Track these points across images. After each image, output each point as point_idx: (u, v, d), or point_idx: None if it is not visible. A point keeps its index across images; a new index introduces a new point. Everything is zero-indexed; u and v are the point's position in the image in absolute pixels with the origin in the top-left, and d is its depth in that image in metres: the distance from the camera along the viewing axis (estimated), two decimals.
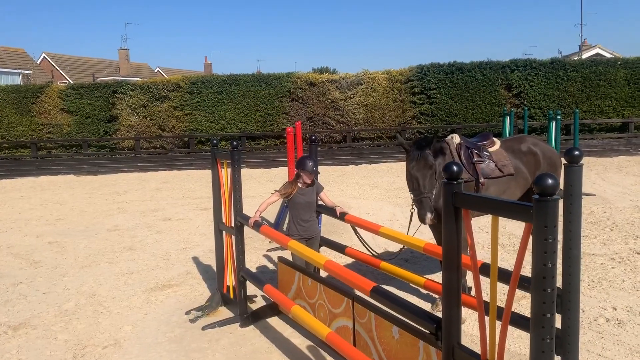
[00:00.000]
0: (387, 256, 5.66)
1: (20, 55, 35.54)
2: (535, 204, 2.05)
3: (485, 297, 3.24)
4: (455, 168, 2.50)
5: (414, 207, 4.75)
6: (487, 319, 2.52)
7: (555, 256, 2.06)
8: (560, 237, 2.24)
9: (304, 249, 4.42)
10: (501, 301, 4.92)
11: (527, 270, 5.52)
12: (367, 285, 3.40)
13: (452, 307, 2.55)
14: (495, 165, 5.22)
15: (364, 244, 5.51)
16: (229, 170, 5.27)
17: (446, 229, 2.52)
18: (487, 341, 2.44)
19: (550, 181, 2.02)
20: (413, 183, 4.69)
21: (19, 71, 32.78)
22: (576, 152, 2.86)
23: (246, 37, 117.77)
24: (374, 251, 5.51)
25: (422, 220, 4.61)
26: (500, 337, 2.34)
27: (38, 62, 39.80)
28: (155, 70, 52.24)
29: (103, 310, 5.82)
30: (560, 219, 2.30)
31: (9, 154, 20.48)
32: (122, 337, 5.10)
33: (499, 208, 2.30)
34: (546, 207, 2.03)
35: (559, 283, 2.33)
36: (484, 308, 2.48)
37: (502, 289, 5.25)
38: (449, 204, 2.48)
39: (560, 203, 3.26)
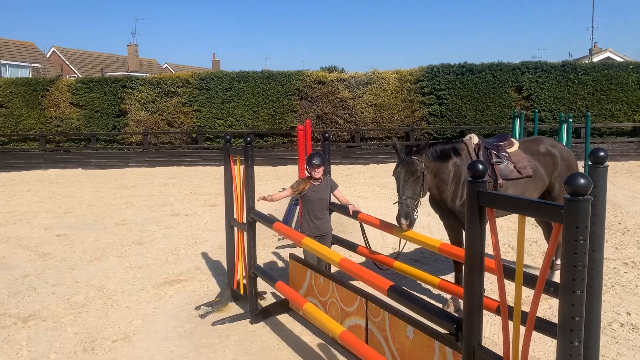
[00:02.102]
0: (392, 254, 5.61)
1: (30, 49, 35.65)
2: (567, 204, 2.00)
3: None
4: (480, 166, 2.46)
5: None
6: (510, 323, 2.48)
7: (585, 258, 2.01)
8: None
9: (319, 246, 4.39)
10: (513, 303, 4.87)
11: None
12: (384, 284, 3.37)
13: (474, 307, 2.51)
14: (514, 167, 5.16)
15: (365, 242, 5.46)
16: (242, 166, 5.24)
17: (470, 228, 2.48)
18: (511, 344, 2.40)
19: (582, 180, 1.97)
20: (396, 186, 4.65)
21: (29, 64, 32.90)
22: (601, 153, 2.82)
23: (254, 35, 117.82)
24: (373, 250, 5.47)
25: (397, 222, 4.53)
26: (524, 341, 2.30)
27: (48, 56, 39.92)
28: (164, 67, 52.33)
29: (112, 303, 5.81)
30: None
31: (17, 146, 20.56)
32: (132, 331, 5.08)
33: (526, 208, 2.25)
34: (578, 207, 1.98)
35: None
36: (507, 311, 2.43)
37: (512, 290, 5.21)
38: (474, 203, 2.43)
39: None
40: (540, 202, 2.20)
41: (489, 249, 4.28)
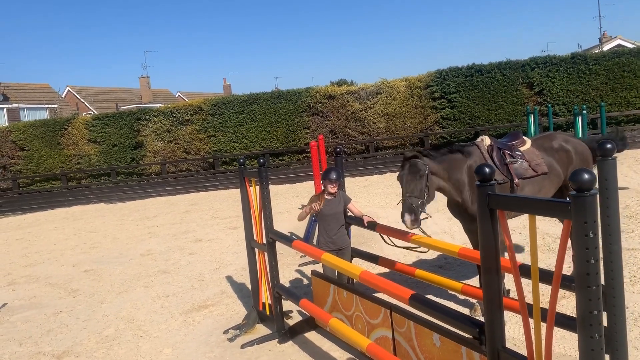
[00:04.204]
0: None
1: (46, 90, 36.58)
2: (573, 200, 2.02)
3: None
4: (487, 170, 2.48)
5: None
6: (530, 321, 2.48)
7: (597, 252, 2.02)
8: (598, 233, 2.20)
9: (338, 261, 4.42)
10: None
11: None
12: (406, 294, 3.38)
13: (494, 310, 2.52)
14: (529, 165, 5.15)
15: (390, 242, 5.42)
16: (258, 187, 5.32)
17: (482, 231, 2.50)
18: (533, 343, 2.40)
19: (586, 176, 1.99)
20: (401, 186, 4.72)
21: (46, 106, 33.74)
22: (608, 145, 2.82)
23: (262, 56, 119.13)
24: (400, 247, 5.40)
25: (402, 220, 4.59)
26: (546, 338, 2.30)
27: (63, 96, 40.87)
28: (177, 95, 53.11)
29: (142, 334, 5.89)
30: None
31: (40, 186, 21.00)
32: None
33: (535, 207, 2.27)
34: (584, 202, 2.00)
35: (601, 280, 2.28)
36: (527, 310, 2.44)
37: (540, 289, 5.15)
38: (484, 206, 2.46)
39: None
40: (548, 201, 2.22)
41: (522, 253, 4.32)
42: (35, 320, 6.79)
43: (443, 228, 9.23)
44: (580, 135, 11.18)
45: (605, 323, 2.59)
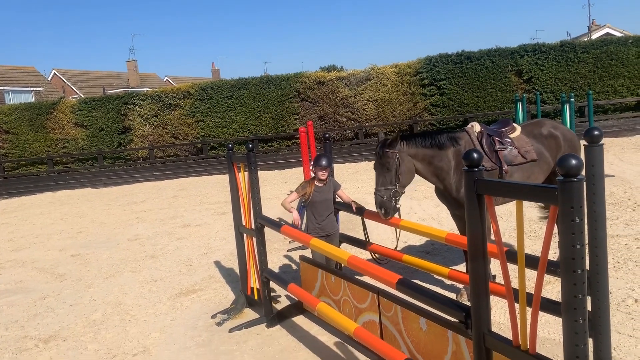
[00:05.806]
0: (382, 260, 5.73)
1: (31, 73, 35.99)
2: (560, 186, 2.03)
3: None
4: (475, 155, 2.49)
5: None
6: (516, 305, 2.51)
7: (583, 237, 2.04)
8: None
9: (327, 246, 4.43)
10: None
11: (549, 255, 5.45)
12: (393, 278, 3.40)
13: (481, 295, 2.54)
14: (518, 152, 5.18)
15: (365, 236, 5.71)
16: (246, 173, 5.30)
17: (470, 216, 2.51)
18: (518, 326, 2.43)
19: (574, 161, 2.00)
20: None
21: (31, 89, 33.21)
22: (596, 132, 2.84)
23: (252, 41, 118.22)
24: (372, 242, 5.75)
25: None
26: (531, 322, 2.33)
27: (49, 79, 40.26)
28: (164, 80, 52.57)
29: (130, 318, 5.89)
30: None
31: (26, 171, 20.76)
32: (151, 344, 5.15)
33: (522, 192, 2.28)
34: (571, 187, 2.01)
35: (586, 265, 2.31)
36: (512, 294, 2.47)
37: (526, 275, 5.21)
38: (471, 192, 2.47)
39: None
40: (535, 186, 2.24)
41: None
42: (22, 304, 6.75)
43: (431, 214, 9.29)
44: (568, 123, 11.25)
45: (589, 308, 2.63)
